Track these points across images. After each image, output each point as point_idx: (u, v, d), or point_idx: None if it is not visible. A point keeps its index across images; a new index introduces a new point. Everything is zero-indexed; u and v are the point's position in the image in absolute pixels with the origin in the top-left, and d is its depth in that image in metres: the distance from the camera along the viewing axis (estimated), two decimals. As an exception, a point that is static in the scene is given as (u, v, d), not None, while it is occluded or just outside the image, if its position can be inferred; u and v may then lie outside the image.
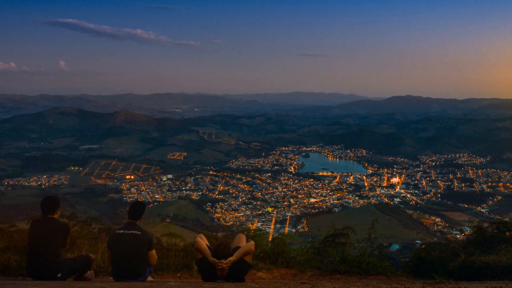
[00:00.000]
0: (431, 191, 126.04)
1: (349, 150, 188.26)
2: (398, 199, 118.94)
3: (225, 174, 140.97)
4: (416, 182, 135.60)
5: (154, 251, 8.54)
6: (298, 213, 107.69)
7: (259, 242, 12.78)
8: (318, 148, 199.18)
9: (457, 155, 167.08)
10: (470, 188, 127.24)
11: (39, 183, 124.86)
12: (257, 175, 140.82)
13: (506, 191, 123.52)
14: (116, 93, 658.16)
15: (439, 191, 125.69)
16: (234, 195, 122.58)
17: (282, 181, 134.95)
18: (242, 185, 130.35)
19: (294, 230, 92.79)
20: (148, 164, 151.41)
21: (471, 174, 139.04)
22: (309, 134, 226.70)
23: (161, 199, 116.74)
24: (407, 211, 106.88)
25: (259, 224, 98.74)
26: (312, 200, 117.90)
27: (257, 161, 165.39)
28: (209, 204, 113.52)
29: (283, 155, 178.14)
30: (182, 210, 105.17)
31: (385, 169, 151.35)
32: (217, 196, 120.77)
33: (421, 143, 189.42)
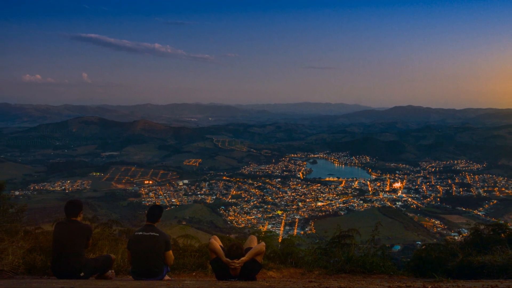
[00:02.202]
0: (431, 195, 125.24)
1: (354, 157, 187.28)
2: (400, 203, 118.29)
3: (238, 179, 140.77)
4: (416, 187, 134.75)
5: (171, 252, 8.59)
6: (306, 216, 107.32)
7: (270, 243, 12.80)
8: (325, 155, 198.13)
9: (455, 162, 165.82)
10: (468, 193, 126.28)
11: (63, 187, 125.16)
12: (267, 180, 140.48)
13: (501, 195, 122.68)
14: (135, 103, 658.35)
15: (438, 195, 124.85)
16: (246, 199, 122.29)
17: (291, 186, 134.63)
18: (253, 190, 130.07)
19: (302, 232, 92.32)
20: (166, 170, 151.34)
21: (468, 179, 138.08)
22: (316, 142, 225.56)
23: (178, 203, 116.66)
24: (408, 214, 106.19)
25: (270, 226, 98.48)
26: (319, 203, 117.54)
27: (267, 167, 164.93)
28: (223, 207, 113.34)
29: (292, 161, 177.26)
30: (197, 213, 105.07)
31: (388, 175, 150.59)
32: (230, 200, 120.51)
33: (422, 150, 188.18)
